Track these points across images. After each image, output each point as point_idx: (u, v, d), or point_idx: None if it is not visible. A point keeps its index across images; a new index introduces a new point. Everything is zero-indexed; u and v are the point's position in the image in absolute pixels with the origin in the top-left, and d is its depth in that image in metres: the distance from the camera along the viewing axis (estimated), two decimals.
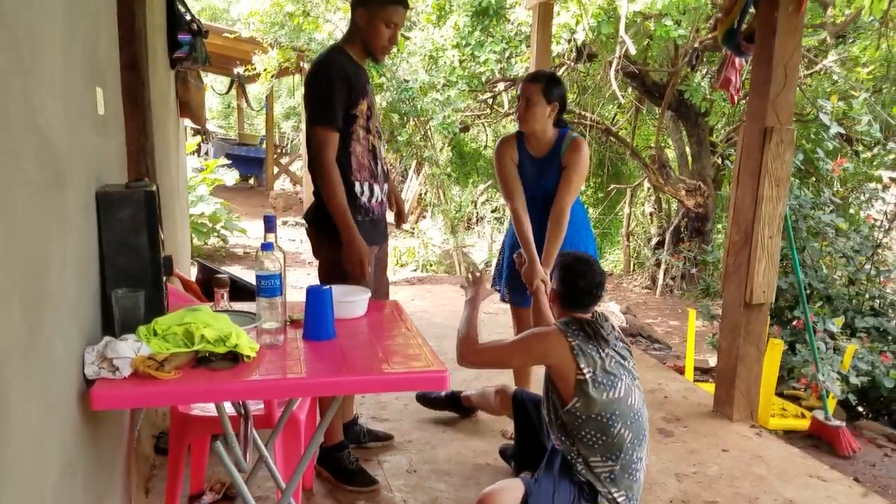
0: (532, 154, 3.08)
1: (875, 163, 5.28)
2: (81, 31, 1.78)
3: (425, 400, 3.42)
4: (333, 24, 9.20)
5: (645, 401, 2.37)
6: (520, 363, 2.88)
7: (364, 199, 2.67)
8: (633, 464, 2.28)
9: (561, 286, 2.39)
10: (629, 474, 2.28)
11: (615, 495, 2.25)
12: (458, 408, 3.37)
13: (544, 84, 2.95)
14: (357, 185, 2.64)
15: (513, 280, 3.17)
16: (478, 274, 2.79)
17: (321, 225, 2.66)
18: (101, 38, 2.13)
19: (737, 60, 3.88)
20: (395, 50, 8.86)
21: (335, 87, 2.53)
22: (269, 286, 1.85)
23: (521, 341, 2.44)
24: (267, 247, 1.85)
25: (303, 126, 12.88)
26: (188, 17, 4.11)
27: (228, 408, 2.11)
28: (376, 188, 2.72)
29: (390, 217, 3.04)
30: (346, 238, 2.55)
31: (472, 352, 2.49)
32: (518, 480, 2.31)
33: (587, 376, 2.22)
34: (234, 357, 1.69)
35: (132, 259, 1.80)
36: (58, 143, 1.46)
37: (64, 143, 1.51)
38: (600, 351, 2.27)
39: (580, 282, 2.34)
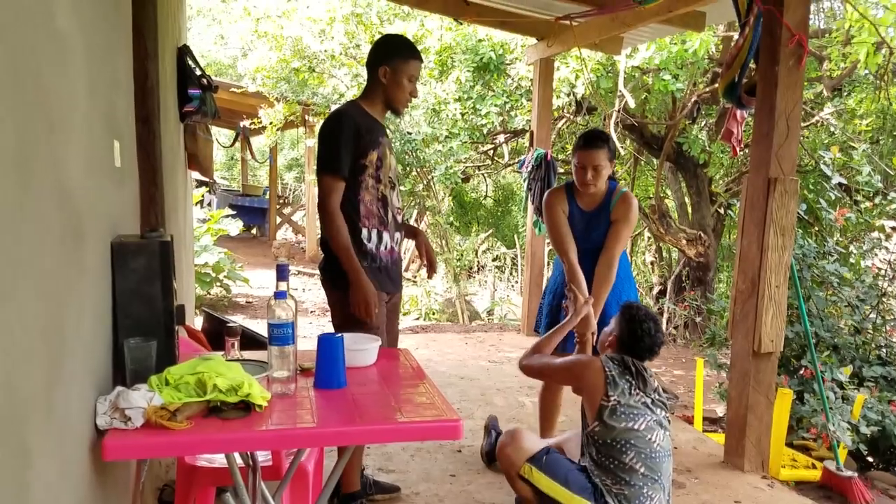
0: (582, 208, 3.18)
1: (876, 212, 5.32)
2: (102, 87, 1.82)
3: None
4: (338, 80, 9.38)
5: (669, 454, 2.43)
6: (558, 381, 3.10)
7: (371, 245, 2.71)
8: (642, 498, 2.34)
9: (626, 337, 2.50)
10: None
11: None
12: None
13: (608, 147, 3.06)
14: (364, 231, 2.68)
15: (555, 324, 3.18)
16: (582, 300, 2.91)
17: (329, 273, 2.72)
18: (119, 93, 2.18)
19: (738, 113, 3.93)
20: None
21: (343, 138, 2.62)
22: (282, 335, 1.84)
23: (566, 361, 2.65)
24: (280, 295, 1.85)
25: (305, 177, 13.02)
26: (198, 73, 4.19)
27: (237, 459, 2.09)
28: (385, 236, 2.75)
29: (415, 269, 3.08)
30: (351, 279, 2.59)
31: (525, 366, 2.75)
32: (543, 441, 2.61)
33: (611, 404, 2.37)
34: (245, 407, 1.68)
35: (146, 308, 1.80)
36: (78, 196, 1.49)
37: (83, 195, 1.54)
38: (633, 388, 2.40)
39: (646, 338, 2.47)
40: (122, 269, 1.78)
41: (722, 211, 9.45)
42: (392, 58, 2.69)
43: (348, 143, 2.62)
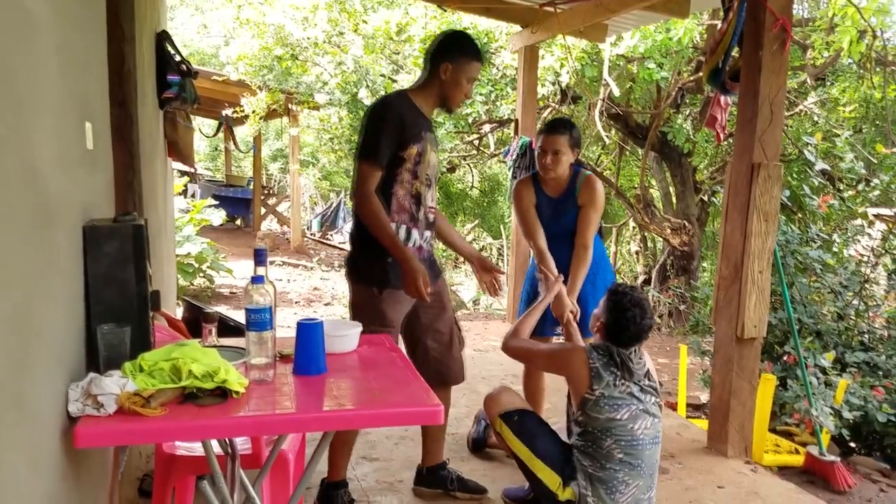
0: (549, 194, 3.23)
1: (859, 200, 5.34)
2: (73, 68, 1.77)
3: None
4: (321, 68, 9.30)
5: (656, 442, 2.42)
6: (542, 367, 3.09)
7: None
8: (616, 483, 2.35)
9: (611, 325, 2.46)
10: (607, 488, 2.35)
11: (587, 493, 2.36)
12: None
13: (570, 134, 3.09)
14: (392, 225, 2.60)
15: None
16: (553, 278, 2.98)
17: (356, 266, 2.70)
18: (92, 75, 2.13)
19: (722, 99, 3.93)
20: (383, 92, 8.97)
21: (385, 128, 2.56)
22: (259, 320, 1.81)
23: (550, 348, 2.72)
24: (257, 280, 1.82)
25: (290, 168, 12.93)
26: (177, 59, 4.13)
27: (215, 447, 2.06)
28: (415, 233, 2.67)
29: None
30: (399, 258, 2.55)
31: (507, 347, 2.75)
32: (524, 401, 2.70)
33: (594, 397, 2.37)
34: (222, 393, 1.65)
35: (119, 293, 1.76)
36: (47, 178, 1.45)
37: (53, 177, 1.50)
38: (618, 379, 2.39)
39: (631, 327, 2.42)
40: (94, 254, 1.74)
41: (706, 199, 9.48)
42: (456, 56, 2.62)
43: (390, 133, 2.55)
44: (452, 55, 2.63)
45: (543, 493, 2.46)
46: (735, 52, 3.49)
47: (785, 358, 4.37)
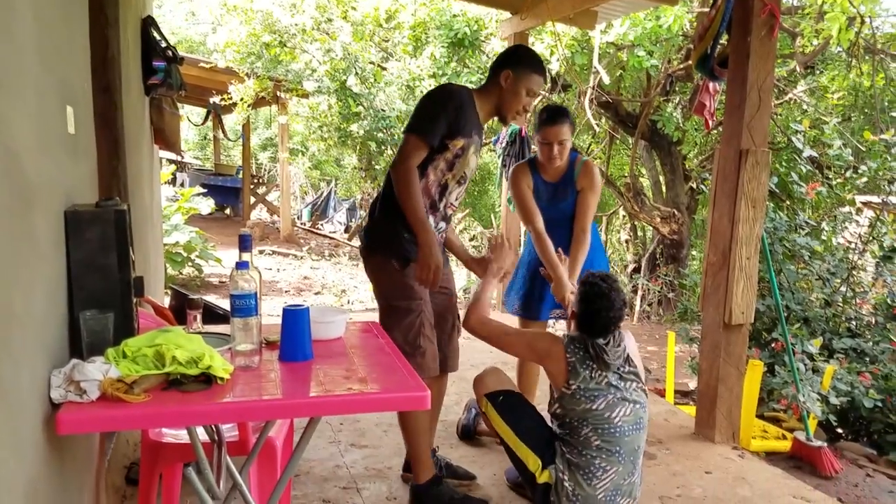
0: (546, 179, 3.27)
1: (847, 187, 5.36)
2: (54, 51, 1.75)
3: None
4: (310, 55, 9.24)
5: (639, 428, 2.42)
6: (517, 353, 2.90)
7: None
8: (593, 468, 2.36)
9: (581, 317, 2.46)
10: (584, 474, 2.36)
11: (563, 477, 2.37)
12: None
13: (569, 121, 3.14)
14: None
15: (528, 295, 3.37)
16: (499, 241, 2.79)
17: (375, 238, 2.67)
18: (74, 59, 2.10)
19: (711, 86, 3.92)
20: (372, 80, 8.94)
21: (445, 110, 2.54)
22: (244, 306, 1.79)
23: (529, 337, 2.66)
24: (242, 265, 1.80)
25: (280, 156, 12.86)
26: (163, 45, 4.09)
27: (201, 434, 2.05)
28: (430, 220, 2.62)
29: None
30: (421, 240, 2.51)
31: (479, 322, 2.63)
32: (512, 382, 2.67)
33: (571, 391, 2.38)
34: (206, 379, 1.63)
35: (101, 279, 1.74)
36: (27, 162, 1.42)
37: (33, 162, 1.48)
38: (594, 372, 2.38)
39: (600, 318, 2.41)
40: (76, 240, 1.72)
41: (696, 187, 9.49)
42: (518, 66, 2.63)
43: (447, 117, 2.54)
44: (515, 64, 2.63)
45: (524, 474, 2.49)
46: (724, 39, 3.49)
47: (772, 344, 4.39)
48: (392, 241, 2.60)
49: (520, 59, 2.66)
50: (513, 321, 3.36)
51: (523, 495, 2.81)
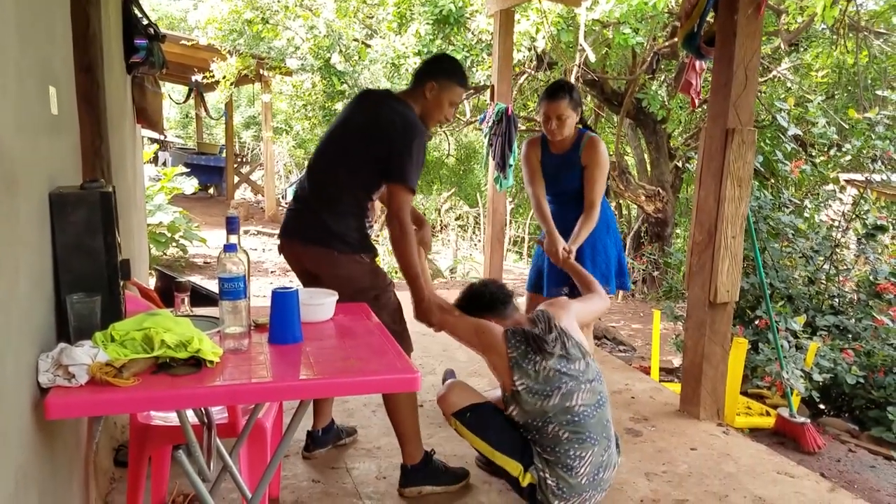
0: (553, 152, 3.39)
1: (830, 165, 5.40)
2: (34, 30, 1.71)
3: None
4: (293, 32, 9.12)
5: (601, 403, 2.44)
6: (465, 339, 2.67)
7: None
8: (569, 460, 2.37)
9: (478, 308, 2.64)
10: (564, 468, 2.37)
11: (545, 476, 2.37)
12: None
13: (570, 97, 3.21)
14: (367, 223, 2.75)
15: (537, 270, 3.53)
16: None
17: (345, 246, 2.65)
18: (55, 38, 2.06)
19: (697, 64, 3.92)
20: (356, 57, 8.85)
21: (423, 155, 2.62)
22: (233, 289, 1.78)
23: (477, 325, 2.55)
24: (230, 248, 1.79)
25: (263, 135, 12.74)
26: (145, 22, 4.02)
27: (191, 416, 2.05)
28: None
29: None
30: (420, 291, 2.63)
31: (439, 311, 2.68)
32: (475, 392, 2.61)
33: (520, 388, 2.39)
34: (196, 362, 1.63)
35: (88, 262, 1.72)
36: (9, 144, 1.40)
37: (16, 143, 1.45)
38: (537, 364, 2.39)
39: (485, 297, 2.63)
40: (61, 222, 1.70)
41: (680, 165, 9.53)
42: (442, 77, 2.67)
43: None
44: (439, 76, 2.67)
45: (509, 481, 2.50)
46: (710, 17, 3.48)
47: (756, 322, 4.43)
48: (359, 240, 2.67)
49: (444, 71, 2.70)
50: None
51: (499, 475, 2.82)
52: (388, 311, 2.67)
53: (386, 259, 8.55)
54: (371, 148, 2.59)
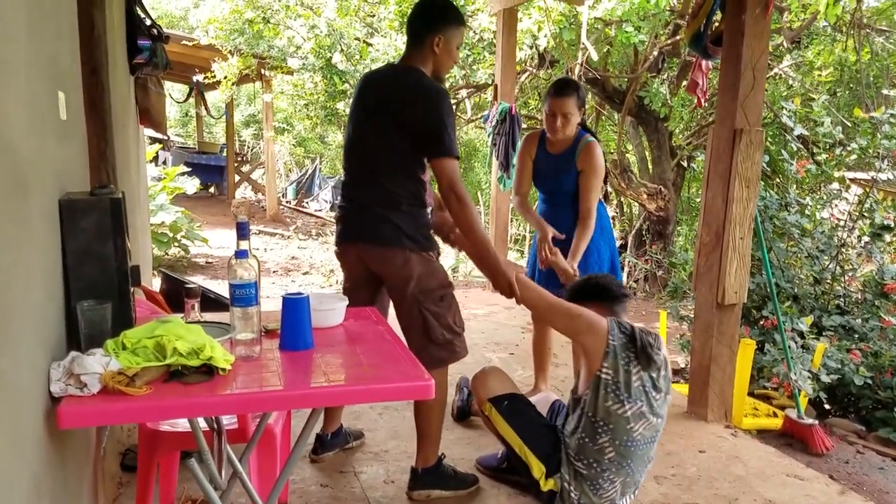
0: (549, 151, 3.37)
1: (834, 164, 5.37)
2: (43, 34, 1.69)
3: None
4: (294, 31, 9.10)
5: (653, 440, 2.38)
6: (560, 325, 2.52)
7: None
8: (601, 481, 2.32)
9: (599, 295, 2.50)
10: (593, 485, 2.32)
11: (570, 487, 2.33)
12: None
13: (577, 95, 3.21)
14: (428, 210, 2.68)
15: (532, 276, 3.39)
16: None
17: (416, 243, 2.57)
18: (63, 42, 2.04)
19: (703, 64, 3.91)
20: (357, 56, 8.82)
21: (453, 119, 2.56)
22: (244, 295, 1.77)
23: (576, 309, 2.37)
24: (241, 254, 1.77)
25: (264, 134, 12.72)
26: (148, 23, 4.00)
27: (201, 423, 2.03)
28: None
29: None
30: (494, 261, 2.52)
31: (536, 293, 2.50)
32: (513, 383, 2.61)
33: (604, 376, 2.27)
34: (208, 370, 1.61)
35: (98, 269, 1.71)
36: (21, 150, 1.38)
37: (27, 149, 1.44)
38: (630, 364, 2.27)
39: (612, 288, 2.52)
40: (71, 229, 1.69)
41: (685, 163, 9.50)
42: (444, 26, 2.56)
43: None
44: (442, 27, 2.56)
45: (528, 478, 2.46)
46: (717, 17, 3.46)
47: (763, 322, 4.41)
48: (428, 236, 2.62)
49: (444, 18, 2.57)
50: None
51: (502, 480, 2.82)
52: (452, 311, 2.61)
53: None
54: (401, 130, 2.49)
